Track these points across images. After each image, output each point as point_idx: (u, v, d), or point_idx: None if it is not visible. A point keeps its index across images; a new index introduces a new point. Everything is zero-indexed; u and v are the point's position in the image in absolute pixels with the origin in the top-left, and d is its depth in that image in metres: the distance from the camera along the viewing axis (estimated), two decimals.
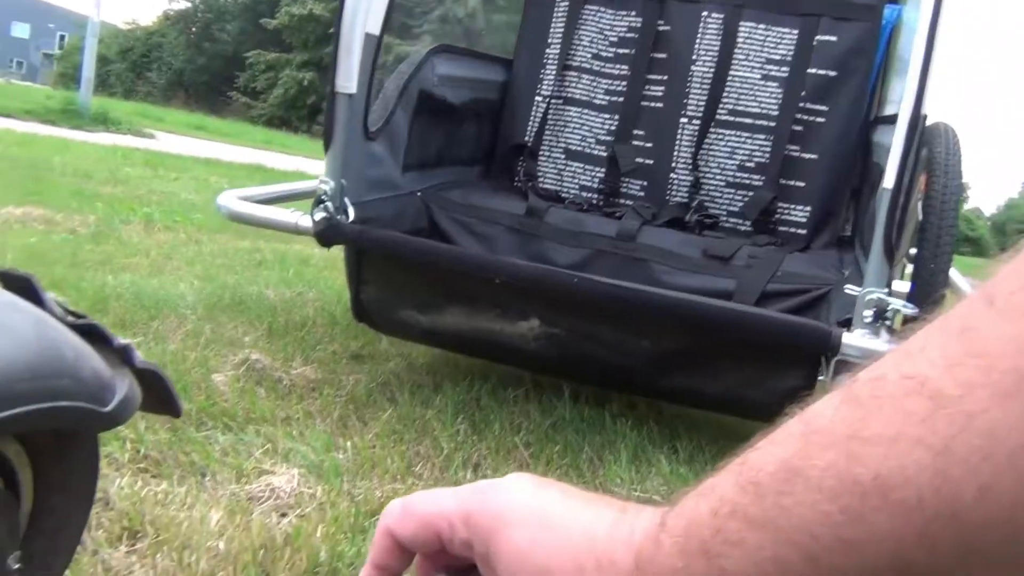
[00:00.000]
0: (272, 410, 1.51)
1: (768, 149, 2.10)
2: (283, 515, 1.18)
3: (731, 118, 2.15)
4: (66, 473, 0.72)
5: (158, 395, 0.71)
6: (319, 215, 1.70)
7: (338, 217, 1.72)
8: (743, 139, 2.13)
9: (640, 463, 1.55)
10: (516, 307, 1.68)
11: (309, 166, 7.26)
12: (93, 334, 0.65)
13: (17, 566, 0.68)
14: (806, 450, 0.30)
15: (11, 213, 2.96)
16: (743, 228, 2.14)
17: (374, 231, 1.73)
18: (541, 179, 2.39)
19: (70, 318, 0.66)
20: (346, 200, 1.76)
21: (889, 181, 1.47)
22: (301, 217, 1.77)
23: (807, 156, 2.07)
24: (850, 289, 1.54)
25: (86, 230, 2.94)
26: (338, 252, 1.95)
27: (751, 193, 2.13)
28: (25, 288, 0.62)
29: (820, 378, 1.50)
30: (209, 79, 25.68)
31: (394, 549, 0.44)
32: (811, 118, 2.08)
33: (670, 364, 1.67)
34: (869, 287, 1.49)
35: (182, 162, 6.13)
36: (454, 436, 1.52)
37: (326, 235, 1.70)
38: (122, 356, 0.67)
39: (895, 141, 1.46)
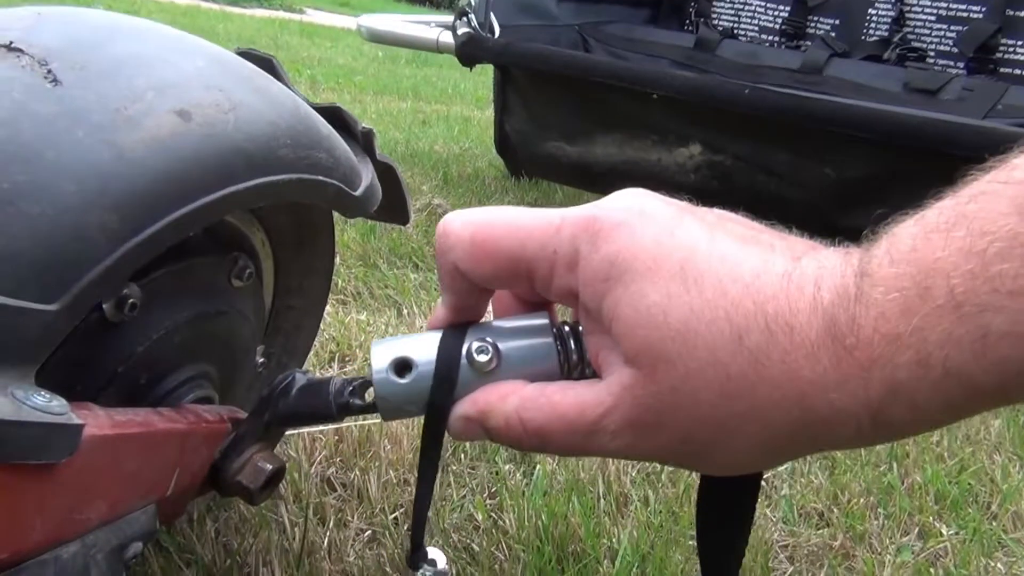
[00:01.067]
0: None
1: None
2: None
3: None
4: (305, 272, 0.70)
5: (391, 195, 0.68)
6: (462, 30, 1.59)
7: (483, 33, 1.60)
8: None
9: None
10: (676, 130, 1.46)
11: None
12: (336, 117, 0.61)
13: (261, 359, 0.68)
14: None
15: None
16: (954, 71, 1.91)
17: (520, 44, 1.57)
18: (715, 19, 2.21)
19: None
20: (492, 16, 1.64)
21: None
22: (443, 33, 1.66)
23: None
24: None
25: None
26: None
27: (967, 27, 1.89)
28: (267, 68, 0.59)
29: None
30: None
31: (472, 289, 0.34)
32: None
33: (856, 197, 1.42)
34: None
35: (334, 32, 6.15)
36: None
37: (468, 50, 1.55)
38: (364, 144, 0.63)
39: None
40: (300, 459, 0.81)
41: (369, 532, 0.73)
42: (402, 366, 0.43)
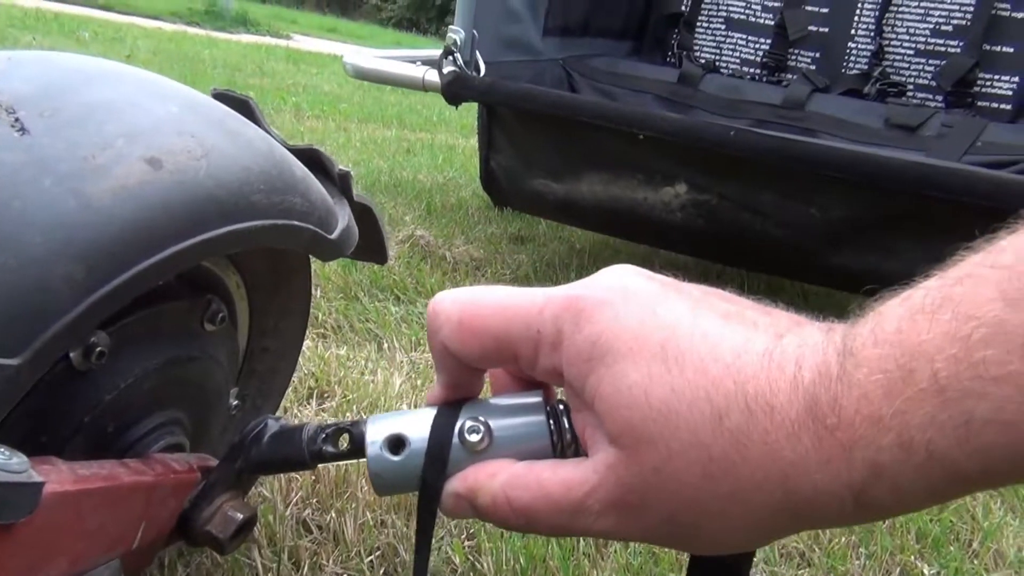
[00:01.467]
0: (440, 285, 1.49)
1: (971, 8, 1.86)
2: None
3: None
4: (280, 313, 0.70)
5: (369, 235, 0.68)
6: (447, 68, 1.60)
7: (469, 72, 1.61)
8: None
9: None
10: (661, 169, 1.46)
11: None
12: (313, 159, 0.61)
13: (235, 403, 0.68)
14: None
15: None
16: (933, 104, 1.94)
17: (505, 83, 1.57)
18: (697, 52, 2.23)
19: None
20: (477, 54, 1.64)
21: None
22: (428, 72, 1.67)
23: (1020, 15, 1.82)
24: None
25: None
26: None
27: (945, 62, 1.92)
28: (244, 110, 0.59)
29: None
30: None
31: (463, 367, 0.34)
32: None
33: (840, 237, 1.41)
34: None
35: (321, 59, 6.17)
36: None
37: (454, 89, 1.55)
38: (341, 186, 0.63)
39: None
40: (275, 500, 0.79)
41: None
42: (396, 443, 0.43)
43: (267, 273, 0.65)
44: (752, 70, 2.15)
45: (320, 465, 0.53)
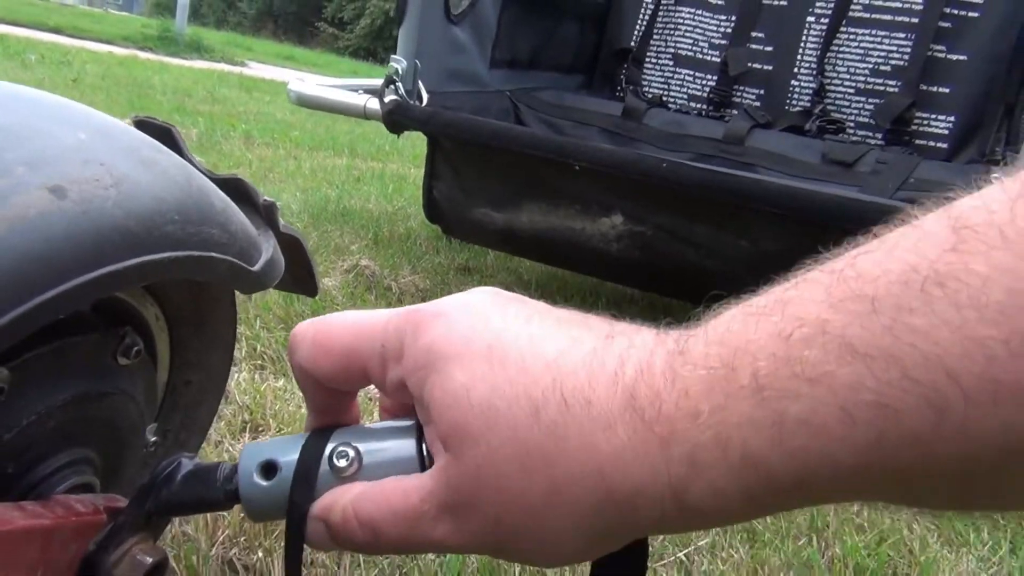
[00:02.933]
0: None
1: (908, 50, 1.92)
2: None
3: (866, 15, 1.96)
4: (203, 346, 0.68)
5: (297, 267, 0.66)
6: (389, 97, 1.60)
7: (411, 101, 1.61)
8: (879, 39, 1.95)
9: None
10: (598, 200, 1.47)
11: None
12: (237, 189, 0.59)
13: (154, 439, 0.65)
14: (958, 251, 0.20)
15: None
16: (872, 141, 1.98)
17: (446, 113, 1.58)
18: (646, 87, 2.26)
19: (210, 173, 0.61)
20: (419, 83, 1.65)
21: None
22: (370, 100, 1.67)
23: (954, 57, 1.88)
24: None
25: (189, 142, 2.90)
26: None
27: (883, 100, 1.97)
28: (165, 138, 0.57)
29: None
30: (297, 9, 25.77)
31: (323, 389, 0.34)
32: (962, 12, 1.86)
33: (772, 269, 1.45)
34: None
35: (275, 86, 6.14)
36: None
37: (394, 118, 1.55)
38: (266, 216, 0.61)
39: None
40: (199, 539, 0.77)
41: None
42: (268, 468, 0.42)
43: (188, 305, 0.63)
44: (699, 105, 2.18)
45: (236, 506, 0.51)
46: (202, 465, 0.52)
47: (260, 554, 0.76)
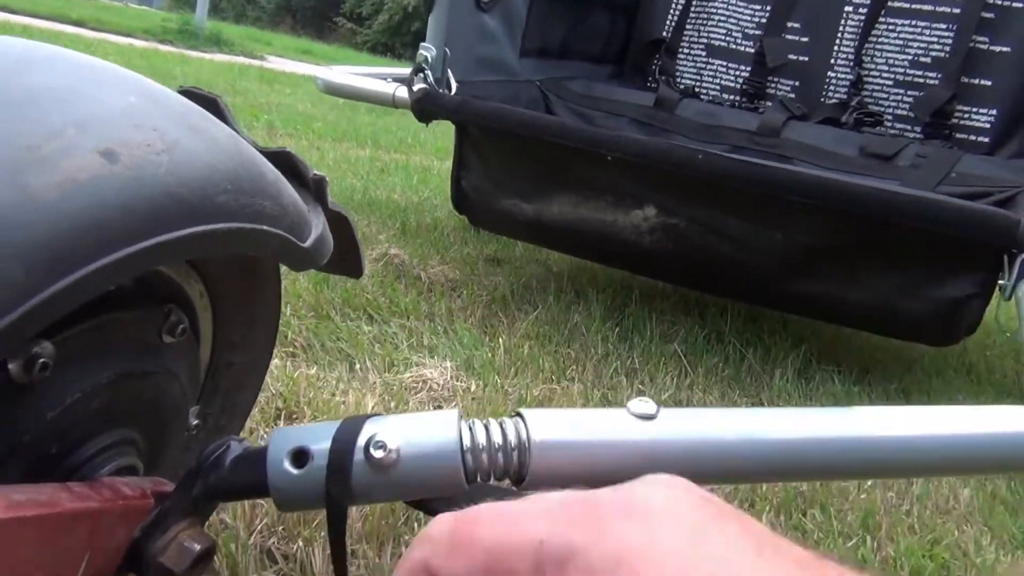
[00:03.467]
0: (415, 305, 1.44)
1: (949, 41, 1.87)
2: (438, 406, 1.11)
3: (906, 4, 1.91)
4: (247, 326, 0.65)
5: (343, 246, 0.64)
6: (418, 85, 1.58)
7: (440, 89, 1.59)
8: (919, 29, 1.91)
9: (808, 380, 1.43)
10: (631, 192, 1.43)
11: None
12: (286, 163, 0.57)
13: (196, 422, 0.63)
14: None
15: None
16: (911, 135, 1.94)
17: (476, 102, 1.55)
18: (678, 78, 2.22)
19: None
20: (449, 72, 1.62)
21: None
22: (399, 88, 1.64)
23: (997, 49, 1.82)
24: None
25: None
26: None
27: (923, 93, 1.92)
28: (211, 108, 0.55)
29: (1001, 282, 1.25)
30: (316, 4, 25.80)
31: None
32: (1006, 2, 1.81)
33: (805, 264, 1.38)
34: None
35: (295, 79, 6.13)
36: (605, 341, 1.43)
37: (423, 106, 1.53)
38: (315, 192, 0.59)
39: None
40: (238, 528, 0.74)
41: None
42: (299, 456, 0.40)
43: (233, 283, 0.61)
44: (732, 97, 2.15)
45: None
46: (252, 449, 0.50)
47: (300, 543, 0.74)
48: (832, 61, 2.03)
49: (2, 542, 0.36)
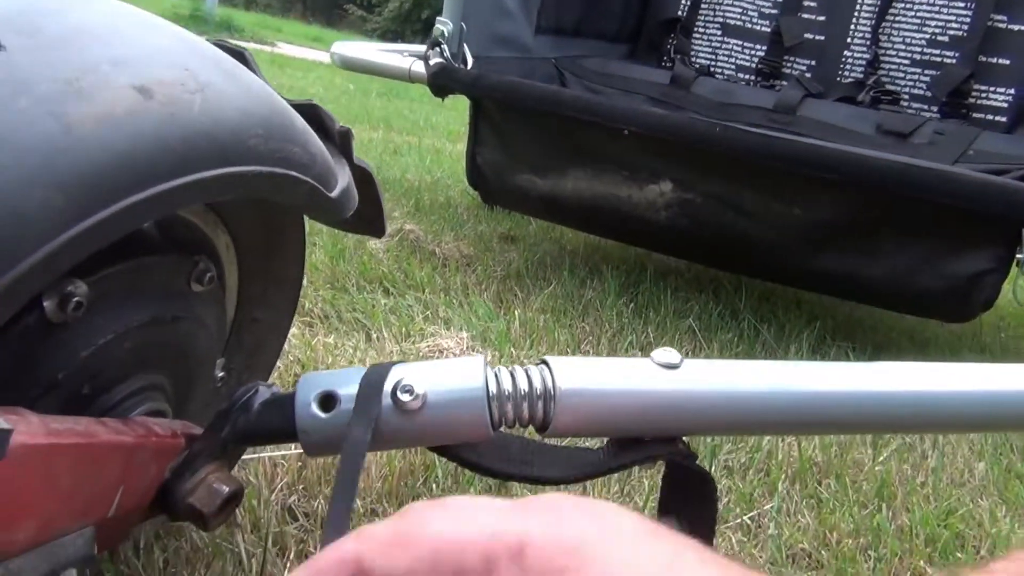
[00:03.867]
0: (430, 278, 1.45)
1: (967, 19, 1.85)
2: None
3: None
4: (272, 281, 0.66)
5: (366, 204, 0.64)
6: (434, 60, 1.58)
7: (456, 64, 1.59)
8: (937, 8, 1.89)
9: (822, 356, 1.43)
10: (647, 167, 1.42)
11: None
12: (312, 115, 0.57)
13: (221, 374, 0.63)
14: None
15: None
16: (928, 114, 1.93)
17: (492, 75, 1.55)
18: (693, 57, 2.21)
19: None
20: (465, 46, 1.62)
21: None
22: (415, 63, 1.65)
23: (1016, 28, 1.81)
24: None
25: None
26: None
27: (940, 72, 1.91)
28: (240, 60, 0.55)
29: (1019, 256, 1.24)
30: None
31: None
32: None
33: (823, 240, 1.37)
34: None
35: (306, 64, 6.13)
36: (619, 316, 1.43)
37: (439, 80, 1.53)
38: (341, 145, 0.59)
39: None
40: (260, 485, 0.75)
41: None
42: (327, 400, 0.40)
43: (259, 235, 0.61)
44: (747, 76, 2.14)
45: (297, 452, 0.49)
46: (280, 394, 0.50)
47: (320, 501, 0.75)
48: (849, 40, 2.02)
49: (41, 467, 0.37)
